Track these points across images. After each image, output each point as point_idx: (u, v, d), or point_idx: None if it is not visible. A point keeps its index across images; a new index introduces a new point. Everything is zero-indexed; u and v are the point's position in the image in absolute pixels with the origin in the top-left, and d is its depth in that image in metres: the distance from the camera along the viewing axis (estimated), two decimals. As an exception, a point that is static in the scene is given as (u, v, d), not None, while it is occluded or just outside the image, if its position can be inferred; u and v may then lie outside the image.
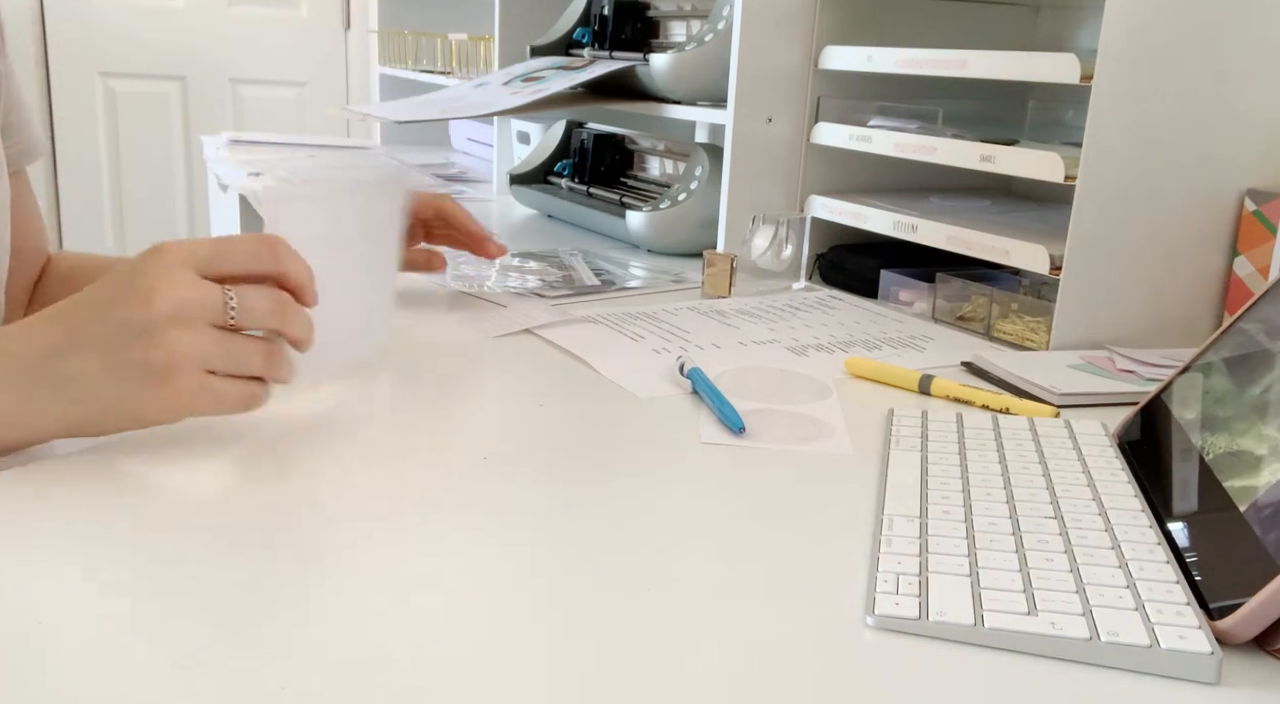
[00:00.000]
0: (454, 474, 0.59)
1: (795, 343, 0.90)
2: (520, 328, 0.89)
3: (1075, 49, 0.86)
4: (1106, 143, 0.84)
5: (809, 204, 1.16)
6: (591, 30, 1.40)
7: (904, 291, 1.04)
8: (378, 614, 0.44)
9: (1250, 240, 0.90)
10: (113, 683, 0.38)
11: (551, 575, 0.48)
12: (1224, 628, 0.43)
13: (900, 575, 0.47)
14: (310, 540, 0.50)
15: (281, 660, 0.40)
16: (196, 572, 0.47)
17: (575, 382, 0.76)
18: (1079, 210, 0.85)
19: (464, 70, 2.12)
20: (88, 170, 3.05)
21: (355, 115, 3.22)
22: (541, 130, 1.65)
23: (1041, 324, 0.90)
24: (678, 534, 0.53)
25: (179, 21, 3.08)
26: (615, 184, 1.44)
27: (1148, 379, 0.78)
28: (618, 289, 1.07)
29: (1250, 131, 0.89)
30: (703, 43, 1.20)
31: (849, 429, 0.69)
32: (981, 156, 0.93)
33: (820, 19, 1.13)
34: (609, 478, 0.60)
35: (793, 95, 1.14)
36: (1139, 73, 0.83)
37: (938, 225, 0.99)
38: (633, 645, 0.43)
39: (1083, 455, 0.62)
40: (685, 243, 1.25)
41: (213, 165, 2.14)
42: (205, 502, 0.54)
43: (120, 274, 0.55)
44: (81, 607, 0.43)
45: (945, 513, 0.54)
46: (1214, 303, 0.92)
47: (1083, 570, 0.47)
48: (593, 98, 1.38)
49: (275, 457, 0.60)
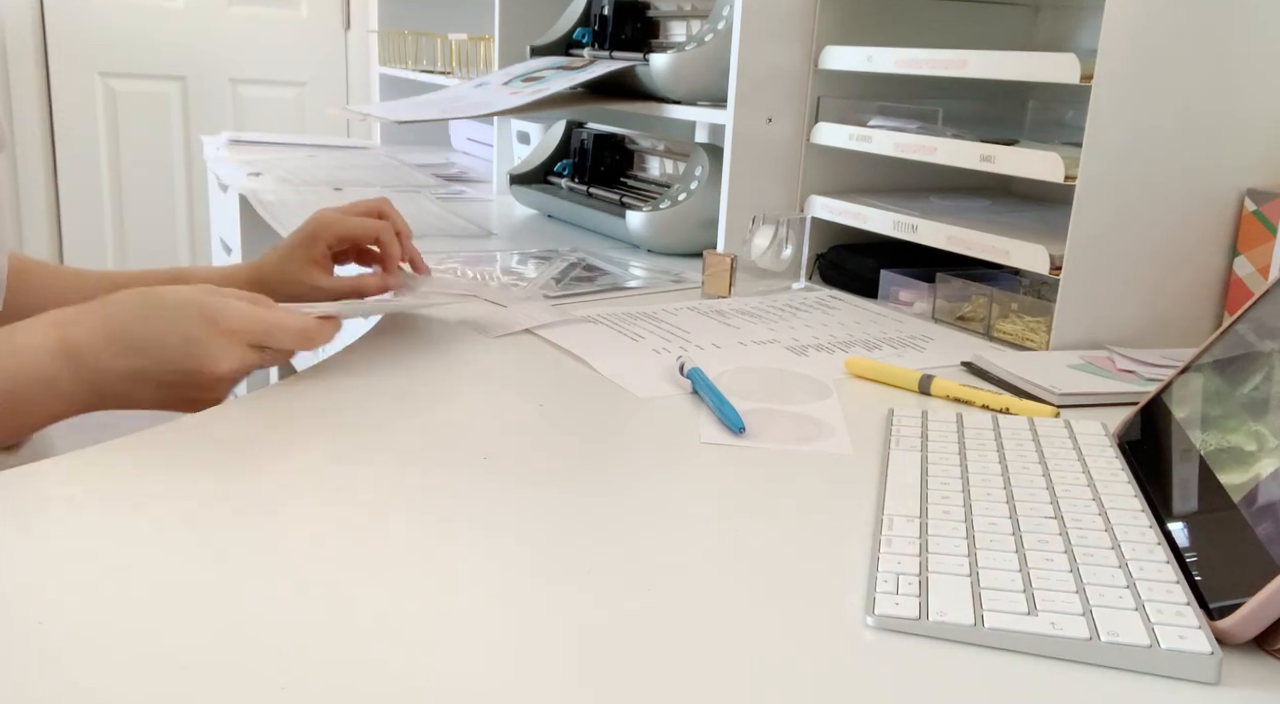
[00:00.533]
0: (454, 474, 0.59)
1: (795, 343, 0.90)
2: (520, 328, 0.89)
3: (1075, 49, 0.86)
4: (1106, 143, 0.84)
5: (809, 204, 1.16)
6: (591, 30, 1.40)
7: (904, 291, 1.04)
8: (377, 614, 0.44)
9: (1250, 240, 0.90)
10: (113, 683, 0.38)
11: (551, 575, 0.48)
12: (1224, 628, 0.43)
13: (900, 575, 0.47)
14: (310, 540, 0.50)
15: (281, 660, 0.40)
16: (197, 571, 0.47)
17: (575, 382, 0.76)
18: (1079, 210, 0.85)
19: (464, 70, 2.12)
20: (88, 170, 3.05)
21: (355, 115, 3.22)
22: (541, 130, 1.65)
23: (1041, 324, 0.90)
24: (678, 534, 0.53)
25: (179, 21, 3.08)
26: (615, 184, 1.44)
27: (1148, 379, 0.78)
28: (618, 289, 1.07)
29: (1250, 131, 0.89)
30: (703, 43, 1.20)
31: (849, 429, 0.69)
32: (981, 156, 0.93)
33: (820, 19, 1.13)
34: (609, 478, 0.60)
35: (793, 95, 1.14)
36: (1139, 73, 0.83)
37: (938, 225, 0.99)
38: (633, 645, 0.43)
39: (1083, 455, 0.62)
40: (685, 243, 1.25)
41: (213, 165, 2.14)
42: (206, 501, 0.54)
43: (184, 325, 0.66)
44: (81, 607, 0.43)
45: (945, 513, 0.54)
46: (1214, 303, 0.92)
47: (1083, 570, 0.47)
48: (593, 98, 1.38)
49: (274, 458, 0.60)
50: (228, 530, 0.51)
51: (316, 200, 1.55)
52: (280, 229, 1.35)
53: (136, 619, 0.43)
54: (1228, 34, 0.85)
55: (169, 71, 3.09)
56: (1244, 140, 0.89)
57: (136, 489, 0.55)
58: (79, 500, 0.53)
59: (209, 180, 2.29)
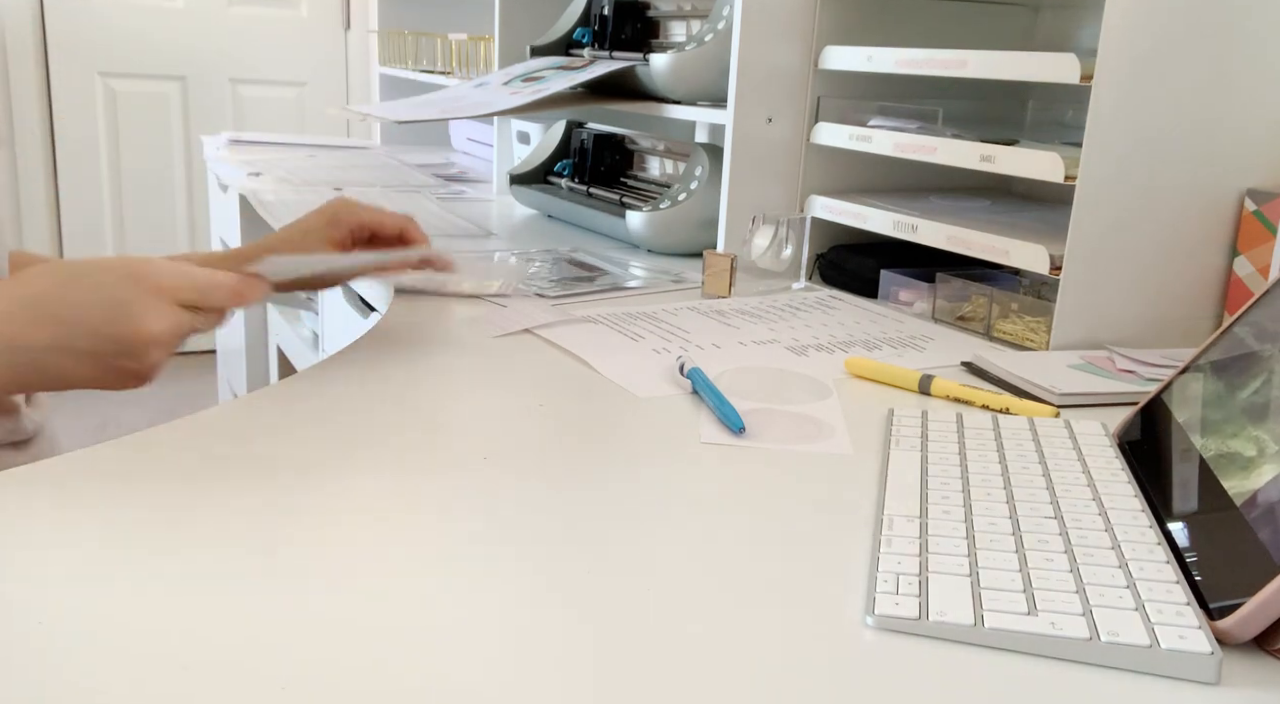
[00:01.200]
0: (454, 474, 0.59)
1: (795, 343, 0.90)
2: (520, 328, 0.89)
3: (1075, 49, 0.86)
4: (1106, 143, 0.84)
5: (809, 204, 1.16)
6: (591, 30, 1.39)
7: (904, 291, 1.04)
8: (377, 613, 0.44)
9: (1250, 240, 0.90)
10: (113, 683, 0.38)
11: (551, 575, 0.48)
12: (1224, 628, 0.43)
13: (900, 575, 0.47)
14: (310, 540, 0.50)
15: (281, 660, 0.40)
16: (197, 571, 0.47)
17: (575, 381, 0.76)
18: (1079, 210, 0.85)
19: (464, 70, 2.12)
20: (88, 170, 3.05)
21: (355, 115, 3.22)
22: (541, 130, 1.65)
23: (1041, 324, 0.90)
24: (677, 534, 0.53)
25: (179, 21, 3.08)
26: (615, 184, 1.44)
27: (1148, 379, 0.78)
28: (618, 289, 1.07)
29: (1250, 131, 0.89)
30: (703, 43, 1.20)
31: (849, 429, 0.69)
32: (981, 156, 0.93)
33: (820, 19, 1.13)
34: (609, 478, 0.60)
35: (793, 95, 1.14)
36: (1139, 73, 0.83)
37: (938, 225, 0.99)
38: (633, 645, 0.43)
39: (1083, 455, 0.62)
40: (685, 243, 1.25)
41: (213, 165, 2.14)
42: (206, 502, 0.54)
43: (108, 288, 0.61)
44: (82, 607, 0.43)
45: (945, 513, 0.54)
46: (1214, 303, 0.92)
47: (1083, 570, 0.47)
48: (593, 98, 1.38)
49: (274, 457, 0.60)
50: (229, 530, 0.51)
51: (317, 200, 1.55)
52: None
53: (137, 619, 0.43)
54: (1228, 34, 0.85)
55: (169, 71, 3.09)
56: (1244, 140, 0.89)
57: (137, 488, 0.55)
58: (80, 499, 0.53)
59: (209, 180, 2.29)
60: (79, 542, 0.49)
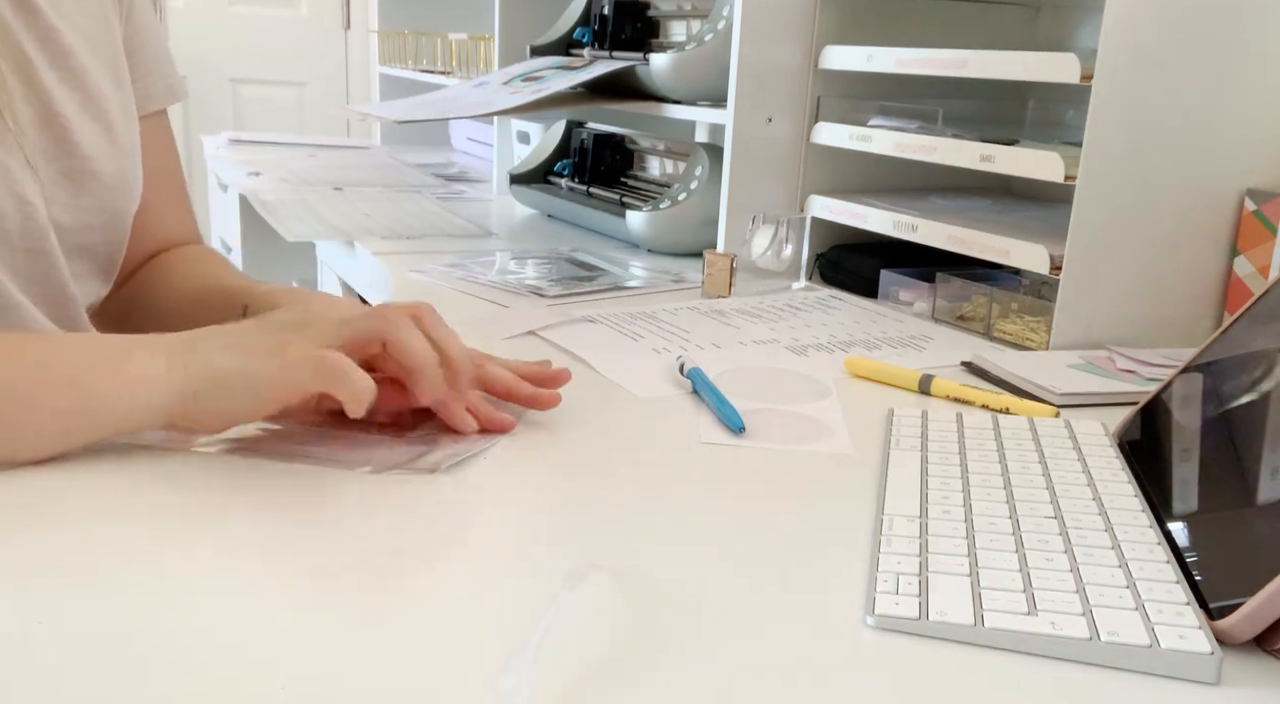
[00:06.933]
0: (453, 474, 0.59)
1: (795, 343, 0.90)
2: (523, 330, 0.89)
3: (1075, 49, 0.86)
4: (1106, 143, 0.84)
5: (809, 204, 1.16)
6: (591, 30, 1.39)
7: (904, 291, 1.04)
8: (376, 613, 0.44)
9: (1250, 240, 0.90)
10: (113, 683, 0.38)
11: (551, 576, 0.48)
12: (1224, 628, 0.43)
13: (900, 575, 0.47)
14: (309, 540, 0.50)
15: (281, 660, 0.40)
16: (197, 571, 0.47)
17: (575, 381, 0.76)
18: (1079, 210, 0.85)
19: (464, 70, 2.12)
20: (88, 170, 3.05)
21: (355, 115, 3.22)
22: (541, 130, 1.65)
23: (1041, 324, 0.90)
24: (677, 534, 0.53)
25: (179, 21, 3.08)
26: (615, 184, 1.44)
27: (1148, 379, 0.78)
28: (618, 289, 1.07)
29: (1250, 131, 0.89)
30: (703, 42, 1.20)
31: (849, 429, 0.69)
32: (981, 156, 0.93)
33: (820, 19, 1.13)
34: (609, 478, 0.60)
35: (793, 95, 1.14)
36: (1139, 73, 0.83)
37: (938, 225, 0.99)
38: (632, 644, 0.43)
39: (1083, 455, 0.62)
40: (685, 243, 1.25)
41: (213, 165, 2.14)
42: (207, 501, 0.54)
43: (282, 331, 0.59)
44: (81, 607, 0.43)
45: (945, 513, 0.54)
46: (1214, 303, 0.92)
47: (1083, 570, 0.47)
48: (593, 98, 1.38)
49: (273, 458, 0.60)
50: (230, 529, 0.51)
51: (316, 200, 1.55)
52: (281, 229, 1.35)
53: (136, 619, 0.43)
54: (1228, 34, 0.85)
55: (169, 71, 3.09)
56: (1244, 140, 0.89)
57: (137, 488, 0.55)
58: (81, 500, 0.53)
59: (209, 180, 2.29)
60: (79, 542, 0.49)
